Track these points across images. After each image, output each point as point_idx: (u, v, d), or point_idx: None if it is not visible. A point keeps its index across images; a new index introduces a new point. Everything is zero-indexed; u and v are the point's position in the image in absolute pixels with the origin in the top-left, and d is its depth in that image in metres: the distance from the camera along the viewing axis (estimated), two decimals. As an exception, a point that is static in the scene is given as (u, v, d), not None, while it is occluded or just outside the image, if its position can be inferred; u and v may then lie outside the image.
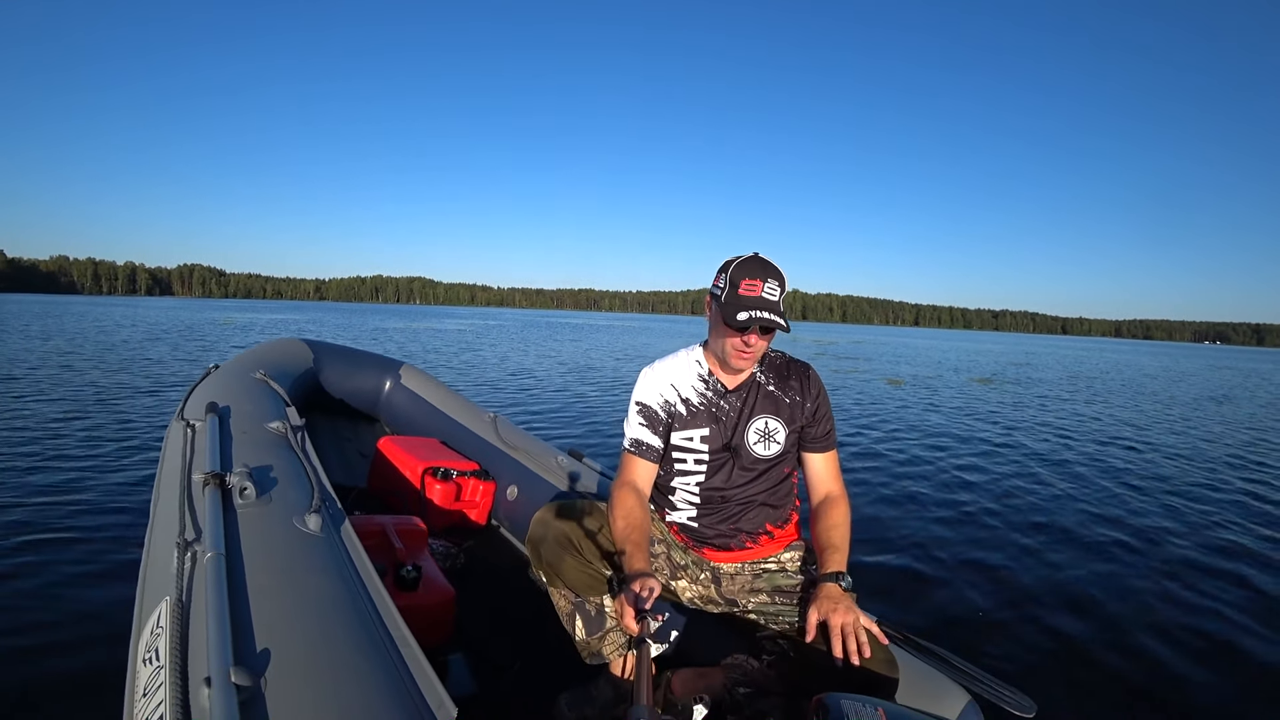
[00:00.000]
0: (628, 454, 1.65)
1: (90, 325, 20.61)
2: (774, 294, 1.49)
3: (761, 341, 1.52)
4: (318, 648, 1.04)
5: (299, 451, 1.91)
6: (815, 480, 1.64)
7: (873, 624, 1.41)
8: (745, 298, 1.48)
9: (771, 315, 1.46)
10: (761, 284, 1.48)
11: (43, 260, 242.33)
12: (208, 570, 1.16)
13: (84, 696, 1.77)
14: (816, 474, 1.63)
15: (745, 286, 1.49)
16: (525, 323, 45.03)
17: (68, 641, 2.02)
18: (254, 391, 2.50)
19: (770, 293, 1.48)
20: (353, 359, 3.90)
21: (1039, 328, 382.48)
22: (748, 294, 1.48)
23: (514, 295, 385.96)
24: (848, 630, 1.36)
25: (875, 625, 1.65)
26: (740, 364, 1.57)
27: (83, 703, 1.75)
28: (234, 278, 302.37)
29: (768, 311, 1.46)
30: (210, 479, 1.50)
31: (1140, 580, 2.97)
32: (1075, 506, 4.17)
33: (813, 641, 1.44)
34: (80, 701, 1.75)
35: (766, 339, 1.53)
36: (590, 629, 1.72)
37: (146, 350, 12.69)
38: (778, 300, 1.49)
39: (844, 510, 1.59)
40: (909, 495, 4.30)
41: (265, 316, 37.10)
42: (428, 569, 1.96)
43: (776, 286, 1.50)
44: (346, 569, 1.33)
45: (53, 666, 1.88)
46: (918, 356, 22.87)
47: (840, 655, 1.36)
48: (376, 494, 2.94)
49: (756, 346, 1.52)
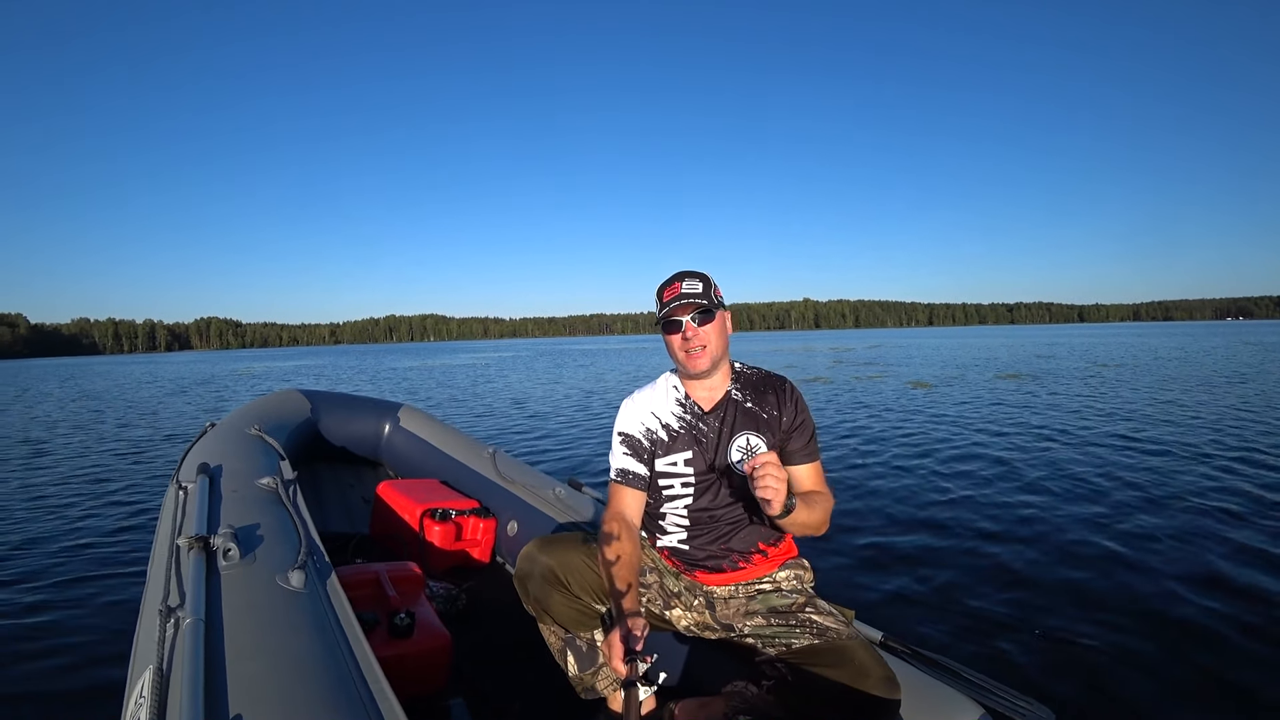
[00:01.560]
0: (615, 484, 1.67)
1: (111, 385, 21.05)
2: (694, 288, 1.58)
3: (699, 330, 1.57)
4: (292, 709, 1.03)
5: (289, 506, 1.91)
6: (799, 490, 1.62)
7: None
8: (668, 301, 1.58)
9: (690, 299, 1.55)
10: (680, 284, 1.59)
11: (64, 324, 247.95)
12: (186, 636, 1.16)
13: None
14: (799, 485, 1.61)
15: (666, 293, 1.60)
16: (538, 352, 45.23)
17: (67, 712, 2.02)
18: (247, 448, 2.51)
19: (690, 288, 1.58)
20: (351, 405, 3.92)
21: (1055, 318, 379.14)
22: (668, 297, 1.59)
23: (526, 325, 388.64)
24: (763, 462, 1.38)
25: (877, 633, 1.63)
26: (693, 364, 1.59)
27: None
28: (250, 328, 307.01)
29: (687, 299, 1.55)
30: (194, 543, 1.51)
31: (1178, 585, 2.83)
32: (1110, 502, 4.05)
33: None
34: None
35: (705, 328, 1.57)
36: (583, 665, 1.71)
37: (167, 406, 12.91)
38: (699, 292, 1.57)
39: (825, 499, 1.57)
40: (940, 500, 4.21)
41: (281, 364, 37.53)
42: (422, 615, 1.95)
43: (696, 282, 1.59)
44: (328, 624, 1.33)
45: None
46: (937, 357, 22.50)
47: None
48: (378, 539, 2.94)
49: (696, 338, 1.57)
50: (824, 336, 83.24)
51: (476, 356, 38.54)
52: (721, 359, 1.62)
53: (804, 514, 1.48)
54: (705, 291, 1.57)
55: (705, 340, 1.56)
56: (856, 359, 22.62)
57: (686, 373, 1.64)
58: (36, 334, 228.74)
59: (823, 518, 1.54)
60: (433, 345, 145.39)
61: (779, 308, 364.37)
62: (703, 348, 1.56)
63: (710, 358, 1.58)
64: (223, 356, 76.82)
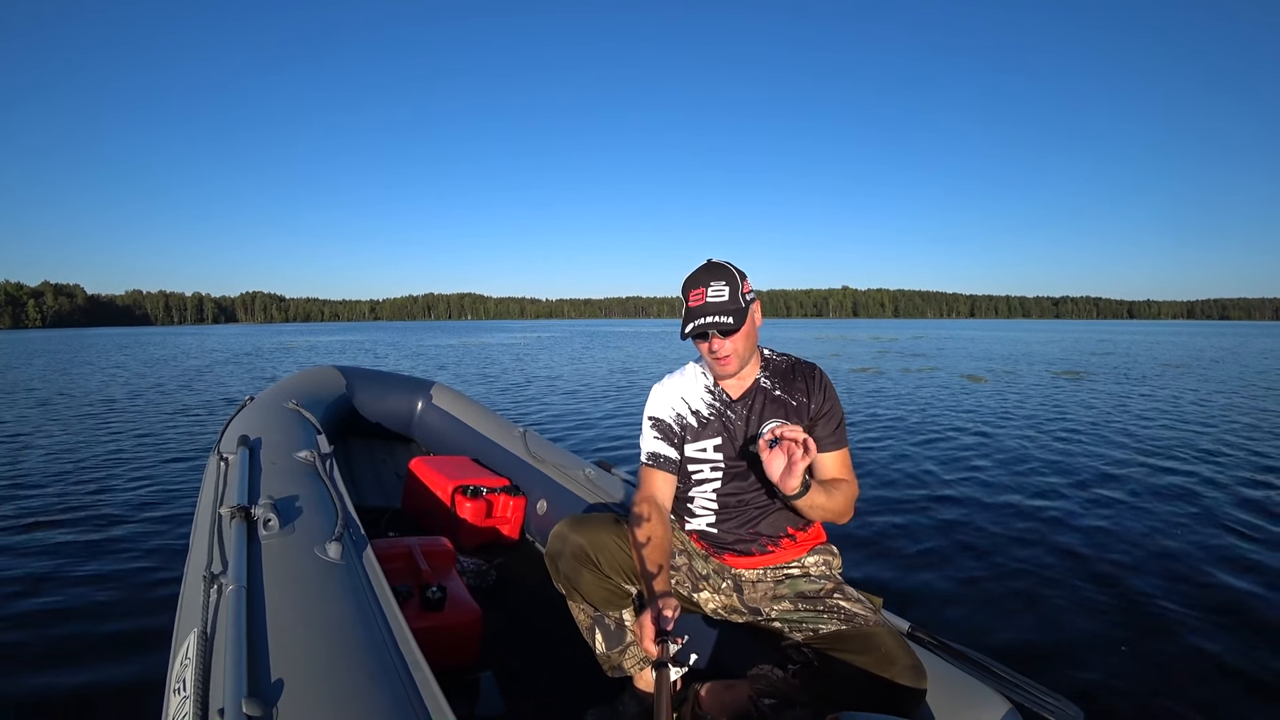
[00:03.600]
0: (646, 468, 1.67)
1: (168, 353, 21.82)
2: (720, 295, 1.52)
3: (724, 343, 1.53)
4: (330, 675, 1.06)
5: (326, 479, 1.96)
6: (824, 477, 1.60)
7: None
8: (693, 309, 1.53)
9: (715, 318, 1.50)
10: (705, 290, 1.52)
11: (119, 295, 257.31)
12: (229, 602, 1.20)
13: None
14: (825, 472, 1.59)
15: (692, 298, 1.54)
16: (576, 333, 45.47)
17: (113, 671, 2.11)
18: (286, 421, 2.57)
19: (716, 295, 1.52)
20: (385, 382, 3.99)
21: (1103, 313, 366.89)
22: (695, 304, 1.53)
23: (563, 306, 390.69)
24: (790, 434, 1.38)
25: (905, 623, 1.61)
26: (722, 369, 1.58)
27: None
28: (293, 303, 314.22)
29: (712, 315, 1.50)
30: (236, 512, 1.55)
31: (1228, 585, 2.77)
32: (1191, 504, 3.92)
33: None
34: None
35: (731, 339, 1.53)
36: (610, 643, 1.72)
37: (219, 375, 13.39)
38: (725, 300, 1.51)
39: (848, 486, 1.55)
40: (994, 499, 4.12)
41: (324, 339, 38.38)
42: (453, 589, 1.98)
43: (723, 287, 1.52)
44: (365, 595, 1.36)
45: (100, 695, 1.98)
46: (987, 350, 21.83)
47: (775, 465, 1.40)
48: (410, 514, 2.99)
49: (723, 349, 1.53)
50: (864, 325, 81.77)
51: (516, 336, 38.85)
52: (750, 355, 1.60)
53: (821, 497, 1.46)
54: (733, 297, 1.52)
55: (733, 349, 1.54)
56: (902, 349, 22.03)
57: (717, 375, 1.63)
58: (93, 304, 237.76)
59: (844, 505, 1.51)
60: (471, 324, 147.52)
61: (817, 295, 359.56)
62: (730, 355, 1.54)
63: (739, 361, 1.56)
64: (266, 330, 78.98)
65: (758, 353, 1.65)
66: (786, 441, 1.38)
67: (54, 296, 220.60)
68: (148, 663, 2.10)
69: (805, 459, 1.37)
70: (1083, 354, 19.76)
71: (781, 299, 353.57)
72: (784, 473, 1.40)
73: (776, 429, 1.41)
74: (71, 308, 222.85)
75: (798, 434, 1.39)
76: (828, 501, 1.48)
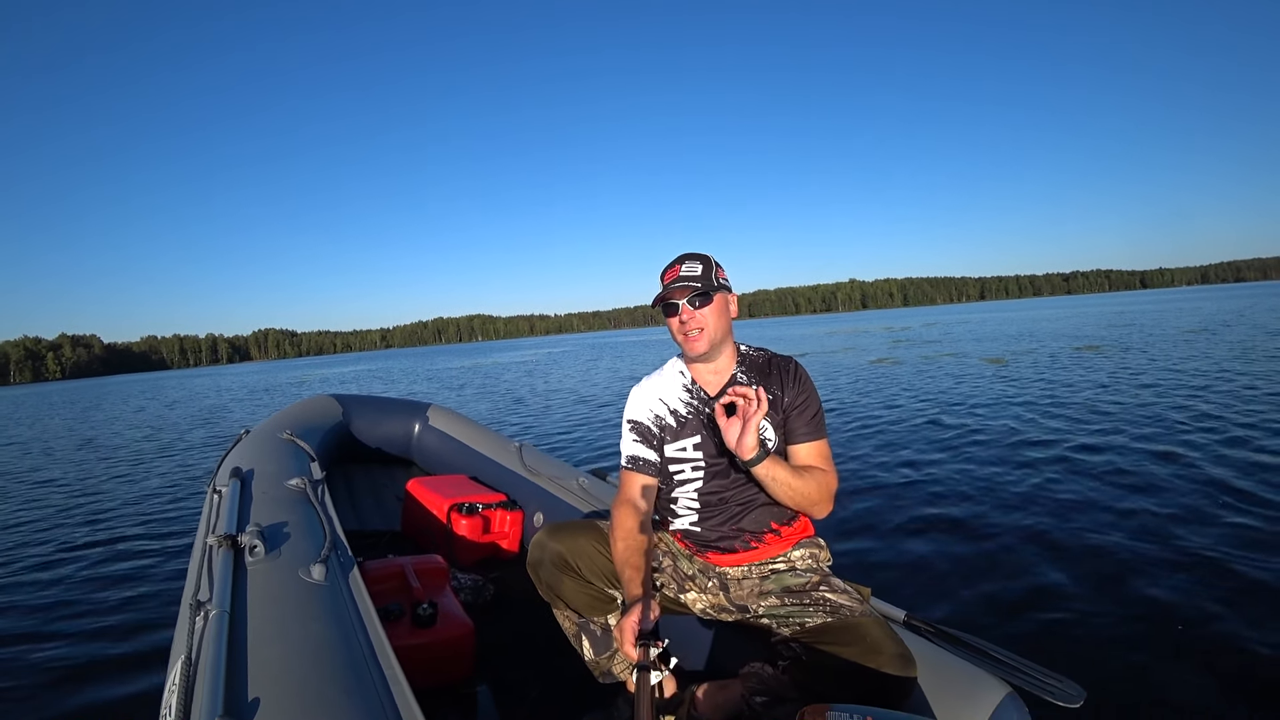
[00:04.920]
0: (625, 471, 1.68)
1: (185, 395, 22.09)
2: (692, 271, 1.58)
3: (695, 313, 1.56)
4: (308, 693, 1.08)
5: (316, 504, 1.98)
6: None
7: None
8: (667, 284, 1.59)
9: (687, 282, 1.56)
10: (679, 267, 1.59)
11: (135, 342, 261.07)
12: (212, 628, 1.23)
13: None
14: (801, 463, 1.59)
15: (666, 276, 1.61)
16: (585, 346, 45.45)
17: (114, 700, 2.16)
18: (279, 451, 2.61)
19: (689, 271, 1.58)
20: (381, 407, 4.04)
21: (1115, 285, 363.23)
22: (668, 280, 1.59)
23: (571, 320, 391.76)
24: (740, 392, 1.46)
25: (900, 611, 1.61)
26: (691, 347, 1.59)
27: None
28: (305, 337, 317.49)
29: (684, 282, 1.56)
30: (223, 541, 1.58)
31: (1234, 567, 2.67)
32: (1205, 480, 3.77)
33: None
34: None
35: (701, 311, 1.57)
36: (598, 649, 1.74)
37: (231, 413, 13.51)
38: (698, 274, 1.57)
39: (823, 476, 1.54)
40: (1026, 482, 4.04)
41: (336, 370, 38.68)
42: (445, 605, 1.99)
43: (696, 264, 1.59)
44: (346, 614, 1.38)
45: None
46: (1001, 331, 21.51)
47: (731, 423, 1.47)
48: (410, 535, 3.01)
49: (692, 320, 1.57)
50: (875, 316, 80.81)
51: (527, 354, 38.80)
52: (723, 341, 1.61)
53: (782, 471, 1.48)
54: (705, 274, 1.56)
55: (703, 323, 1.56)
56: (917, 338, 21.61)
57: (688, 355, 1.64)
58: (110, 353, 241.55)
59: (815, 491, 1.50)
60: (481, 345, 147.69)
61: (824, 289, 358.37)
62: (700, 330, 1.56)
63: (709, 340, 1.57)
64: (280, 366, 79.74)
65: (734, 347, 1.66)
66: (739, 404, 1.44)
67: (71, 348, 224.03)
68: (146, 691, 2.16)
69: (757, 414, 1.42)
70: (1100, 328, 19.35)
71: (790, 296, 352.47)
72: (740, 434, 1.44)
73: (731, 391, 1.46)
74: (90, 358, 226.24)
75: (748, 391, 1.43)
76: (792, 479, 1.48)
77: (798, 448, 1.59)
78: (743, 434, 1.43)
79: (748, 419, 1.43)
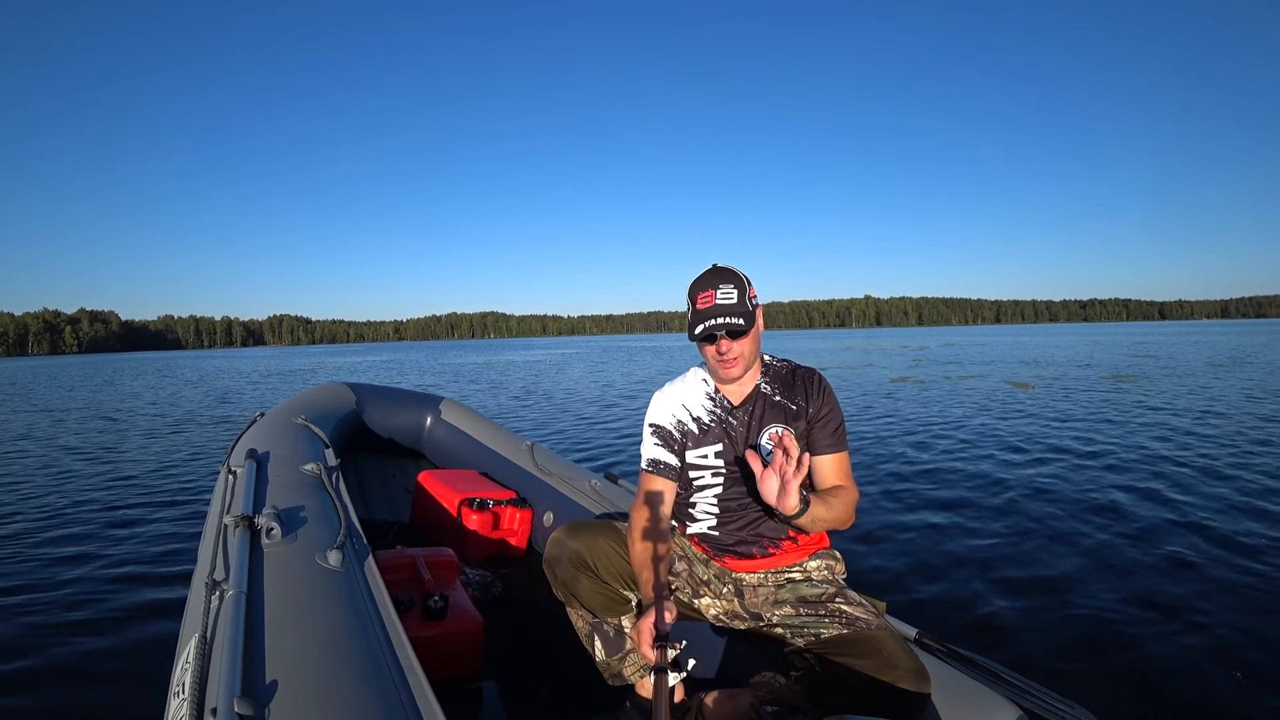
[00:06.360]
0: (646, 473, 1.67)
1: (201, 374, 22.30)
2: (729, 298, 1.53)
3: (733, 345, 1.54)
4: (325, 678, 1.08)
5: (331, 491, 1.99)
6: (822, 481, 1.60)
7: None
8: (701, 311, 1.54)
9: (726, 319, 1.51)
10: (714, 293, 1.54)
11: (151, 320, 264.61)
12: (229, 607, 1.23)
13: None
14: (823, 475, 1.59)
15: (700, 300, 1.55)
16: (597, 349, 45.41)
17: (120, 676, 2.16)
18: (294, 436, 2.62)
19: (725, 298, 1.53)
20: (394, 398, 4.04)
21: (1133, 315, 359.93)
22: (703, 306, 1.54)
23: (584, 323, 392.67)
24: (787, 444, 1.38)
25: (912, 629, 1.59)
26: (726, 372, 1.58)
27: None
28: (319, 324, 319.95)
29: (722, 316, 1.51)
30: (240, 521, 1.59)
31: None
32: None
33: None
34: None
35: (739, 341, 1.54)
36: (610, 650, 1.73)
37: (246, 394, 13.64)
38: (734, 303, 1.53)
39: (846, 493, 1.54)
40: (1045, 512, 4.01)
41: (348, 359, 38.81)
42: (456, 599, 1.99)
43: (731, 289, 1.54)
44: (363, 602, 1.38)
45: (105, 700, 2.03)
46: (1023, 355, 21.28)
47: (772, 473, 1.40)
48: (419, 527, 3.01)
49: (730, 351, 1.54)
50: (890, 334, 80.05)
51: (540, 354, 38.82)
52: (754, 360, 1.61)
53: (821, 509, 1.45)
54: (740, 301, 1.52)
55: (740, 352, 1.55)
56: (935, 358, 21.41)
57: (720, 379, 1.63)
58: (127, 329, 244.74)
59: (844, 513, 1.50)
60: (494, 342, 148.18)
61: (839, 305, 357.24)
62: (736, 358, 1.55)
63: (744, 364, 1.57)
64: (294, 352, 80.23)
65: (759, 358, 1.66)
66: (778, 462, 1.37)
67: (90, 323, 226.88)
68: (154, 669, 2.13)
69: (798, 476, 1.36)
70: (1124, 357, 18.94)
71: (804, 310, 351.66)
72: (780, 493, 1.39)
73: (775, 435, 1.41)
74: (107, 333, 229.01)
75: (791, 447, 1.37)
76: (828, 513, 1.46)
77: (820, 459, 1.58)
78: (784, 495, 1.39)
79: (787, 480, 1.37)
